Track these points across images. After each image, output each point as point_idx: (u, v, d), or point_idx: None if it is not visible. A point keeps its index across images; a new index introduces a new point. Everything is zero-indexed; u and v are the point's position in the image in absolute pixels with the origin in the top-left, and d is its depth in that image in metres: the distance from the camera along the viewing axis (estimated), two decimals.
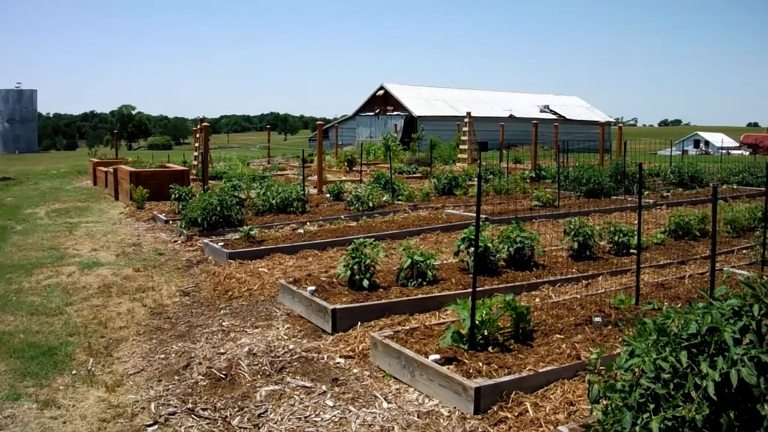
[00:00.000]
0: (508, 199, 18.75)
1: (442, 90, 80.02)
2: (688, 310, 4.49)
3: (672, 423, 4.02)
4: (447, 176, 21.12)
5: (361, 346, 7.36)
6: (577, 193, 20.20)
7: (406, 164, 31.75)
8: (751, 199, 18.47)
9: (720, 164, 28.76)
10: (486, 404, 5.76)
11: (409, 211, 16.78)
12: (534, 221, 15.42)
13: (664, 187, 23.23)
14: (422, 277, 9.15)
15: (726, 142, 69.03)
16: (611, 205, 18.24)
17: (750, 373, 4.00)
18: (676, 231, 13.12)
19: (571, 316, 7.69)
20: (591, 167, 22.23)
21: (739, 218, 14.01)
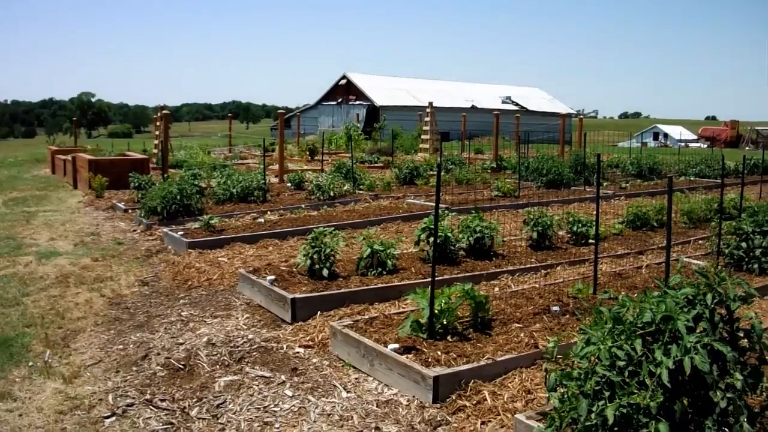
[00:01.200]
0: (469, 190, 18.82)
1: (404, 80, 79.97)
2: (644, 299, 4.54)
3: (627, 410, 4.06)
4: (408, 166, 21.14)
5: (320, 335, 7.34)
6: (537, 184, 20.34)
7: (368, 154, 31.70)
8: (708, 191, 18.72)
9: (678, 156, 29.11)
10: (445, 393, 5.79)
11: (371, 201, 16.77)
12: (494, 211, 15.49)
13: (624, 178, 23.48)
14: (382, 267, 9.15)
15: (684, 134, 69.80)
16: (571, 195, 18.42)
17: (703, 361, 4.05)
18: (634, 221, 13.27)
19: (529, 305, 7.74)
20: (551, 158, 22.37)
21: (695, 209, 14.20)
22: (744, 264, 9.74)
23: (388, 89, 73.23)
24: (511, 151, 30.16)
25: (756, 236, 9.69)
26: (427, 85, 78.27)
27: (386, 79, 77.86)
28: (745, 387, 4.23)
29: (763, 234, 9.69)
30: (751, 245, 9.68)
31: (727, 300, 4.43)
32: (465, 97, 76.15)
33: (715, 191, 17.72)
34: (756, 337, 4.45)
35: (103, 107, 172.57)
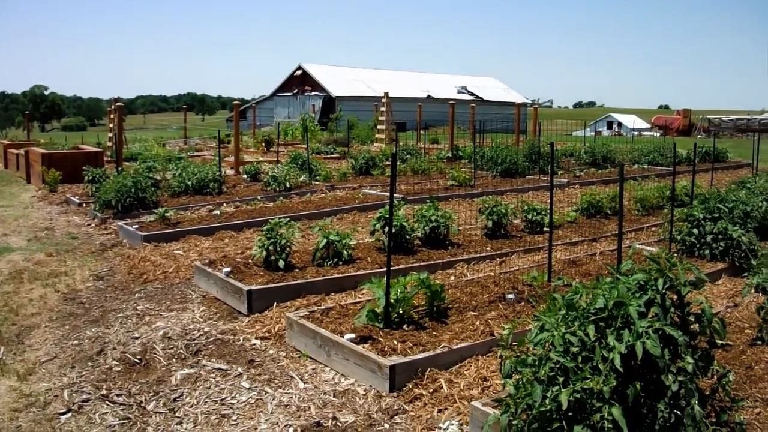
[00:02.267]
0: (425, 179, 18.86)
1: (360, 70, 79.83)
2: (596, 285, 4.58)
3: (581, 395, 4.09)
4: (364, 156, 21.13)
5: (277, 326, 7.32)
6: (493, 173, 20.44)
7: (324, 145, 31.61)
8: (661, 179, 18.95)
9: (632, 145, 29.44)
10: (401, 382, 5.80)
11: (327, 192, 16.74)
12: (450, 201, 15.55)
13: (578, 167, 23.70)
14: (338, 257, 9.14)
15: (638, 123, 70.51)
16: (526, 184, 18.55)
17: (654, 345, 4.09)
18: (588, 209, 13.41)
19: (485, 294, 7.79)
20: (507, 147, 22.52)
21: (648, 197, 14.39)
22: (696, 250, 9.88)
23: (344, 80, 73.06)
24: (467, 141, 30.28)
25: (707, 223, 9.84)
26: (384, 76, 78.20)
27: (342, 69, 77.65)
28: (696, 370, 4.29)
29: (714, 220, 9.84)
30: (703, 231, 9.82)
31: (678, 285, 4.49)
32: (421, 87, 76.22)
33: (668, 179, 17.93)
34: (706, 321, 4.51)
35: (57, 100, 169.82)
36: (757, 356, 6.20)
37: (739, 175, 20.47)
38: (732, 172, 24.58)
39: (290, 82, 75.49)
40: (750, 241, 9.70)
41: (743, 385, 5.55)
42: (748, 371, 5.86)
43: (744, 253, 9.55)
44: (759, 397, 5.34)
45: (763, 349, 6.38)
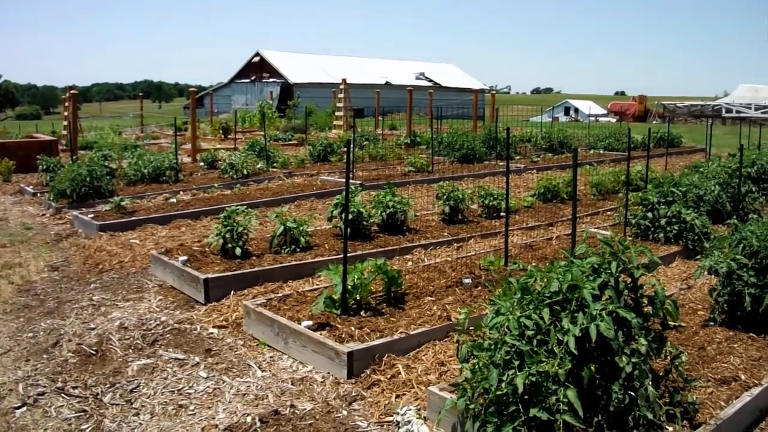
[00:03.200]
0: (383, 165, 18.86)
1: (318, 57, 79.35)
2: (551, 269, 4.60)
3: (536, 378, 4.12)
4: (322, 143, 21.07)
5: (234, 315, 7.28)
6: (450, 159, 20.49)
7: (282, 131, 31.44)
8: (616, 164, 19.14)
9: (588, 130, 29.66)
10: (359, 368, 5.80)
11: (284, 178, 16.66)
12: (408, 186, 15.55)
13: (535, 152, 23.86)
14: (295, 244, 9.10)
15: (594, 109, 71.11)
16: (483, 169, 18.64)
17: (608, 328, 4.13)
18: (545, 194, 13.50)
19: (442, 279, 7.81)
20: (464, 133, 22.57)
21: (604, 182, 14.53)
22: (650, 233, 10.00)
23: (302, 66, 72.58)
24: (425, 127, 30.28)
25: (661, 206, 9.96)
26: (342, 62, 77.85)
27: (300, 56, 77.12)
28: (649, 351, 4.34)
29: (667, 204, 9.96)
30: (657, 215, 9.94)
31: (631, 268, 4.53)
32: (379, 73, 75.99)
33: (623, 164, 18.10)
34: (659, 303, 4.56)
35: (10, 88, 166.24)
36: (710, 337, 6.29)
37: (693, 159, 20.73)
38: (686, 156, 24.90)
39: (248, 68, 74.81)
40: (703, 224, 9.84)
41: (696, 366, 5.63)
42: (701, 352, 5.95)
43: (697, 236, 9.68)
44: (711, 377, 5.42)
45: (716, 329, 6.48)
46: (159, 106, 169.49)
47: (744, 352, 5.93)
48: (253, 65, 73.85)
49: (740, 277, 6.30)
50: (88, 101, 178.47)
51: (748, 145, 20.32)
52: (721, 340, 6.22)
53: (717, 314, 6.69)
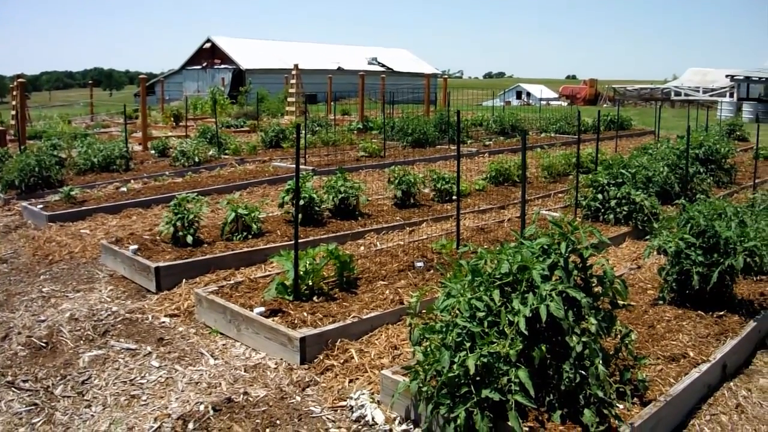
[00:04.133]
0: (335, 151, 18.78)
1: (271, 43, 78.71)
2: (501, 250, 4.62)
3: (488, 359, 4.14)
4: (274, 129, 20.90)
5: (186, 303, 7.21)
6: (403, 143, 20.50)
7: (234, 118, 31.16)
8: (567, 147, 19.31)
9: (539, 114, 29.87)
10: (312, 354, 5.78)
11: (236, 165, 16.52)
12: (360, 171, 15.54)
13: (487, 136, 23.96)
14: (247, 231, 9.04)
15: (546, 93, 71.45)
16: (436, 154, 18.68)
17: (558, 308, 4.16)
18: (497, 177, 13.57)
19: (394, 263, 7.82)
20: (417, 118, 22.59)
21: (555, 164, 14.65)
22: (601, 215, 10.10)
23: (255, 52, 71.96)
24: (378, 112, 30.25)
25: (611, 188, 10.06)
26: (294, 48, 77.34)
27: (252, 42, 76.44)
28: (599, 331, 4.38)
29: (617, 186, 10.06)
30: (607, 197, 10.04)
31: (581, 248, 4.57)
32: (332, 59, 75.70)
33: (574, 147, 18.28)
34: (608, 283, 4.61)
35: None
36: (659, 315, 6.38)
37: (642, 142, 20.93)
38: (636, 139, 25.16)
39: (199, 55, 73.97)
40: (652, 205, 9.96)
41: (646, 344, 5.71)
42: (651, 330, 6.03)
43: (646, 216, 9.80)
44: (661, 355, 5.50)
45: (665, 308, 6.57)
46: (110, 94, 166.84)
47: (692, 330, 6.02)
48: (204, 51, 73.06)
49: (688, 257, 6.38)
50: (37, 90, 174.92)
51: (696, 127, 20.61)
52: (671, 318, 6.31)
53: (666, 293, 6.78)
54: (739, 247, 6.24)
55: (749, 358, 6.10)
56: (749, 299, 6.89)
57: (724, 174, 14.60)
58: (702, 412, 5.08)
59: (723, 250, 6.31)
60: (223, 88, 54.29)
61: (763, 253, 6.30)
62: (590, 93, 64.11)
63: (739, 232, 6.39)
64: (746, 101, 43.46)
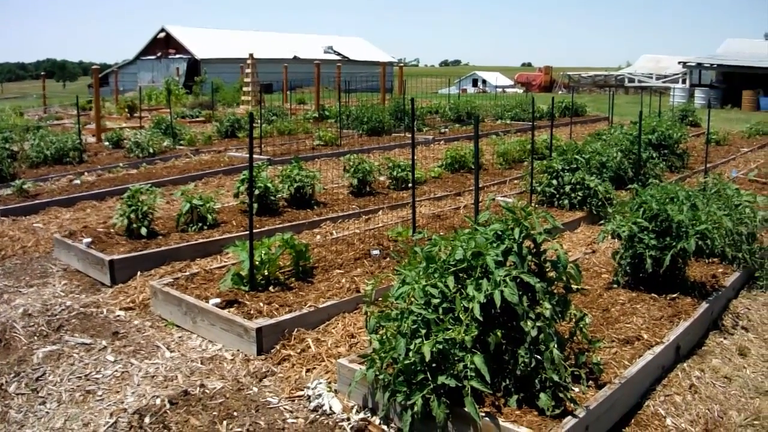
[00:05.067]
0: (291, 140, 18.71)
1: (226, 32, 78.00)
2: (455, 237, 4.62)
3: (443, 346, 4.15)
4: (230, 119, 20.75)
5: (141, 296, 7.13)
6: (359, 132, 20.47)
7: (190, 108, 30.85)
8: (522, 133, 19.37)
9: (495, 101, 29.98)
10: (269, 344, 5.75)
11: (191, 156, 16.38)
12: (317, 160, 15.51)
13: (443, 123, 24.00)
14: (202, 222, 8.97)
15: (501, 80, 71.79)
16: (392, 141, 18.70)
17: (512, 293, 4.18)
18: (453, 164, 13.61)
19: (351, 251, 7.81)
20: (372, 106, 22.57)
21: (510, 151, 14.72)
22: (555, 200, 10.18)
23: (210, 42, 71.29)
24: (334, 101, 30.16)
25: (565, 174, 10.13)
26: (250, 37, 76.73)
27: (207, 31, 75.72)
28: (554, 315, 4.41)
29: (572, 171, 10.14)
30: (562, 182, 10.11)
31: (534, 234, 4.59)
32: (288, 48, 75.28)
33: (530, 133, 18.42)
34: (562, 267, 4.64)
35: None
36: (613, 299, 6.45)
37: (596, 128, 21.11)
38: (590, 125, 25.38)
39: (154, 45, 73.09)
40: (606, 190, 10.06)
41: (600, 327, 5.76)
42: (605, 313, 6.09)
43: (601, 201, 9.89)
44: (615, 338, 5.56)
45: (619, 291, 6.64)
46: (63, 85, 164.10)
47: (646, 313, 6.10)
48: (158, 41, 72.23)
49: (641, 240, 6.46)
50: None
51: (650, 113, 20.84)
52: (625, 301, 6.38)
53: (620, 276, 6.85)
54: (691, 231, 6.32)
55: (702, 340, 6.19)
56: (701, 281, 6.99)
57: (676, 159, 14.78)
58: (656, 393, 5.14)
59: (675, 233, 6.39)
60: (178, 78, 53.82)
61: (714, 236, 6.39)
62: (545, 80, 64.54)
63: (690, 215, 6.47)
64: (698, 87, 44.11)
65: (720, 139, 20.60)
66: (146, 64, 72.27)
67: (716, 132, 21.01)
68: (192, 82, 45.22)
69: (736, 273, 7.38)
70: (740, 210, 7.78)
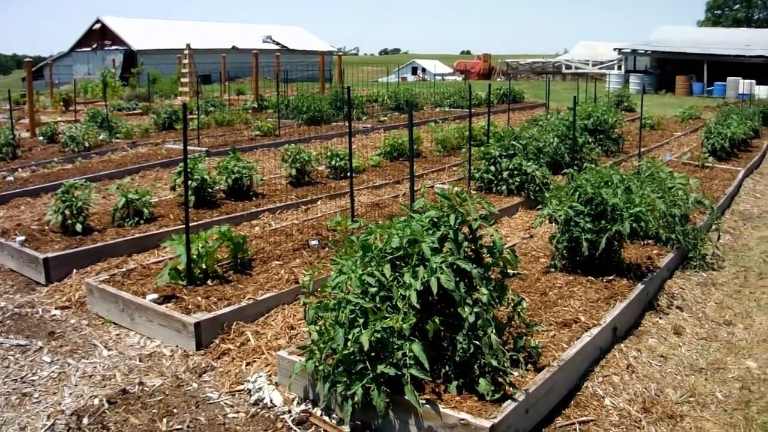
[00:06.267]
0: (230, 131, 18.56)
1: (163, 22, 76.84)
2: (391, 225, 4.62)
3: (382, 334, 4.14)
4: (167, 111, 20.46)
5: (77, 294, 6.99)
6: (298, 121, 20.37)
7: (126, 101, 30.38)
8: (461, 120, 19.49)
9: (434, 89, 30.05)
10: (208, 339, 5.70)
11: (128, 149, 16.12)
12: (255, 151, 15.39)
13: (382, 112, 23.99)
14: (139, 216, 8.83)
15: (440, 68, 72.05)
16: (331, 131, 18.66)
17: (449, 279, 4.19)
18: (391, 153, 13.63)
19: (289, 242, 7.77)
20: (311, 96, 22.47)
21: (449, 138, 14.79)
22: (494, 186, 10.25)
23: (146, 33, 70.16)
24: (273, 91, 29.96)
25: (503, 160, 10.21)
26: (187, 27, 75.68)
27: (144, 21, 74.50)
28: (491, 300, 4.44)
29: (509, 157, 10.21)
30: (499, 168, 10.18)
31: (470, 220, 4.60)
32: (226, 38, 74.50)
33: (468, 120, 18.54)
34: (498, 253, 4.66)
35: None
36: (551, 282, 6.52)
37: (534, 114, 21.32)
38: (528, 112, 25.62)
39: (89, 36, 71.71)
40: (543, 175, 10.16)
41: (539, 311, 5.83)
42: (543, 297, 6.16)
43: (538, 186, 9.99)
44: (553, 321, 5.62)
45: (556, 275, 6.72)
46: None
47: (583, 295, 6.18)
48: (94, 33, 70.89)
49: (577, 224, 6.54)
50: None
51: (586, 99, 21.12)
52: (562, 284, 6.46)
53: (557, 260, 6.93)
54: (626, 213, 6.42)
55: (638, 320, 6.31)
56: (637, 263, 7.12)
57: (612, 143, 15.02)
58: (595, 374, 5.23)
59: (610, 216, 6.48)
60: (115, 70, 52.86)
61: (648, 218, 6.50)
62: (484, 68, 64.95)
63: (625, 198, 6.57)
64: (633, 73, 44.89)
65: (654, 123, 20.99)
66: (82, 56, 70.92)
67: (650, 117, 21.39)
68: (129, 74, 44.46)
69: (670, 254, 7.53)
70: (673, 192, 7.95)
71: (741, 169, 13.52)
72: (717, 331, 6.32)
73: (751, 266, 8.17)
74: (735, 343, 6.08)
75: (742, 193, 12.21)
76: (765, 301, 7.05)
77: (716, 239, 8.53)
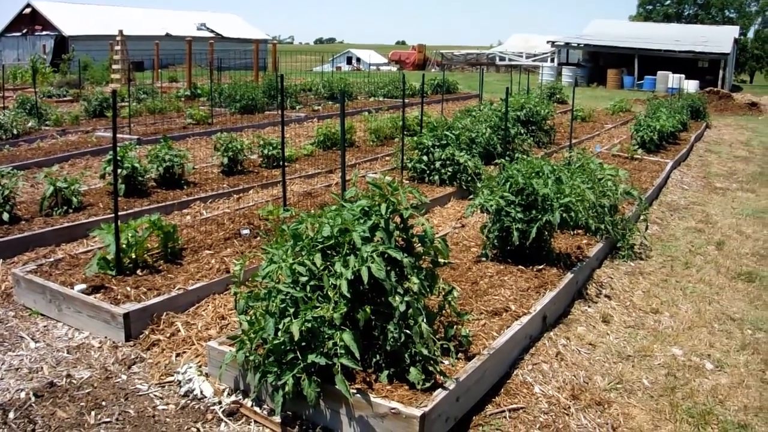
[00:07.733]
0: (162, 119, 18.28)
1: (95, 7, 75.29)
2: (322, 214, 4.61)
3: (312, 324, 4.14)
4: (98, 98, 20.07)
5: (3, 285, 6.79)
6: (231, 110, 20.18)
7: (57, 87, 29.73)
8: (395, 110, 19.53)
9: (368, 79, 30.05)
10: (137, 329, 5.62)
11: (58, 137, 15.77)
12: (188, 139, 15.21)
13: (316, 101, 23.92)
14: (68, 205, 8.66)
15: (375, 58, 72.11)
16: (265, 120, 18.58)
17: (379, 269, 4.20)
18: (325, 142, 13.60)
19: (221, 231, 7.71)
20: (245, 84, 22.28)
21: (382, 128, 14.82)
22: (426, 176, 10.30)
23: (78, 18, 68.69)
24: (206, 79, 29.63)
25: (436, 150, 10.26)
26: (120, 13, 74.32)
27: (76, 6, 72.89)
28: (422, 289, 4.46)
29: (442, 147, 10.27)
30: (432, 158, 10.24)
31: (401, 209, 4.62)
32: (160, 24, 73.38)
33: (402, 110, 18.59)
34: (429, 242, 4.69)
35: None
36: (482, 272, 6.58)
37: (468, 105, 21.45)
38: (462, 102, 25.79)
39: (19, 21, 69.92)
40: (475, 166, 10.25)
41: (470, 300, 5.88)
42: (474, 286, 6.22)
43: (470, 176, 10.08)
44: (484, 310, 5.68)
45: (487, 264, 6.78)
46: None
47: (514, 284, 6.26)
48: (24, 17, 69.11)
49: (508, 214, 6.61)
50: None
51: (519, 90, 21.34)
52: (493, 273, 6.53)
53: (489, 250, 7.00)
54: (556, 204, 6.51)
55: (567, 308, 6.42)
56: (567, 252, 7.24)
57: (544, 135, 15.22)
58: (525, 362, 5.30)
59: (541, 206, 6.58)
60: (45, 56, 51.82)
61: (578, 208, 6.61)
62: (419, 58, 65.18)
63: (555, 189, 6.66)
64: (566, 66, 45.53)
65: (586, 115, 21.33)
66: (11, 42, 69.13)
67: (582, 109, 21.74)
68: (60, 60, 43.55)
69: (599, 244, 7.67)
70: (603, 183, 8.09)
71: (669, 161, 13.83)
72: (644, 319, 6.47)
73: (677, 256, 8.38)
74: (661, 330, 6.23)
75: (669, 185, 12.49)
76: (690, 290, 7.24)
77: (644, 229, 8.71)
